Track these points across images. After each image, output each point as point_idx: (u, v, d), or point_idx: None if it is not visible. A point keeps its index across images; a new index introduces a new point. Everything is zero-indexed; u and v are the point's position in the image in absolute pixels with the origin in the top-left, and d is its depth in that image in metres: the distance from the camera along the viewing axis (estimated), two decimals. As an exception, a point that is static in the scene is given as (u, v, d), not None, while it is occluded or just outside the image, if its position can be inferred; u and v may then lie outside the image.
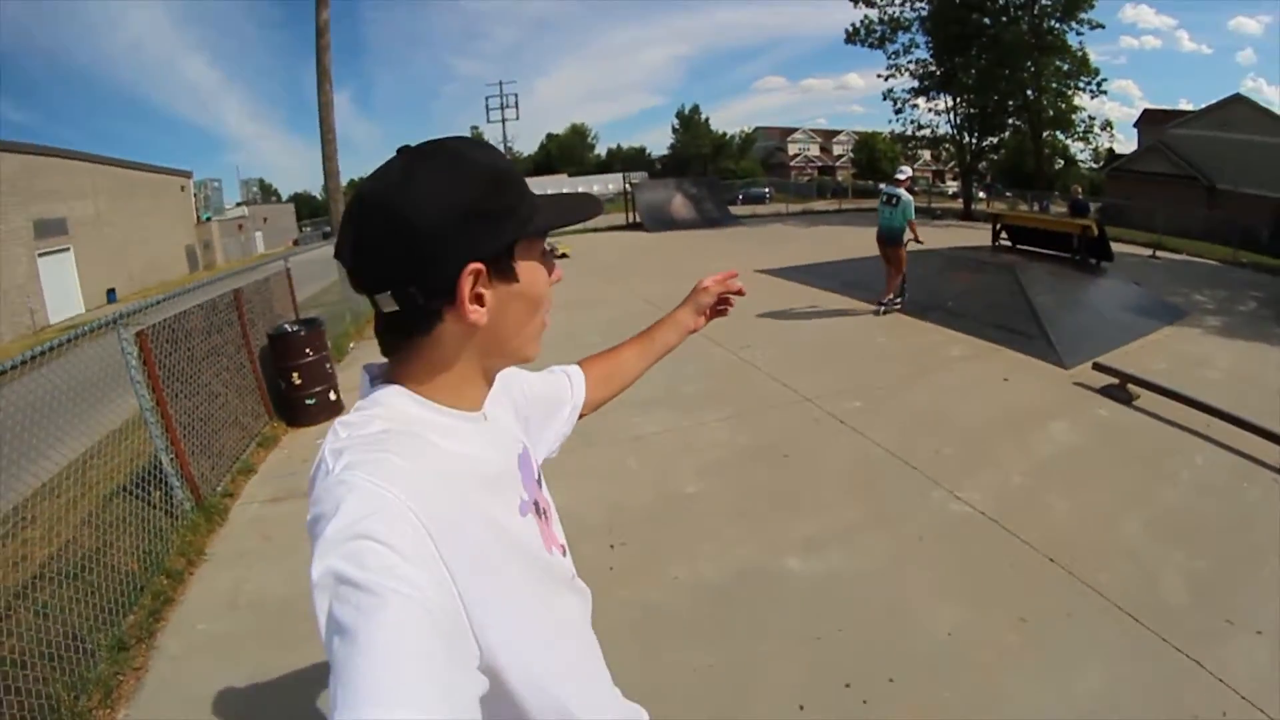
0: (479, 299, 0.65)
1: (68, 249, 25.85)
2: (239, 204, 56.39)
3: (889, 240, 7.84)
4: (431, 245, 0.61)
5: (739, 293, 1.21)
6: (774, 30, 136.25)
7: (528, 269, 0.68)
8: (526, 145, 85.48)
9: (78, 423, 4.61)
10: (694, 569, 3.20)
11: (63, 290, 25.10)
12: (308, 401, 5.56)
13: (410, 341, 0.67)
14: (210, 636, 3.10)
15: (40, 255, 24.01)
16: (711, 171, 51.09)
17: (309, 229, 52.28)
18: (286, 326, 5.68)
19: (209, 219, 41.47)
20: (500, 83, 66.48)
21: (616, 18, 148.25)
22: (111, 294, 25.48)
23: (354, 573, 0.50)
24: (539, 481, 0.82)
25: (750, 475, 4.11)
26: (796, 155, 67.73)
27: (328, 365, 5.71)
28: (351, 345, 8.29)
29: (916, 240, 7.79)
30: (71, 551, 3.56)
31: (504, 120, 50.90)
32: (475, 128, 69.55)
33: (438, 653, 0.49)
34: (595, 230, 22.68)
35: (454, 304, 0.64)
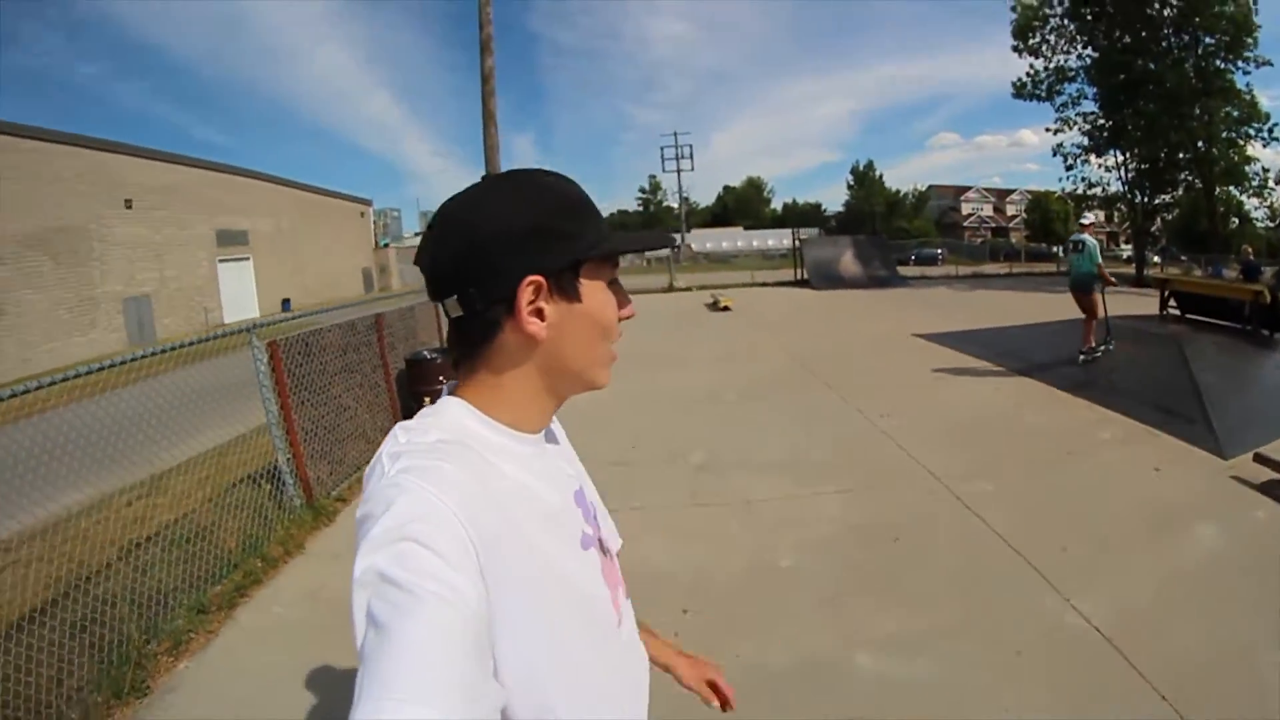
0: (539, 312, 0.66)
1: (247, 259, 29.64)
2: (416, 234, 61.46)
3: (1080, 287, 7.78)
4: (494, 253, 0.65)
5: (721, 706, 1.06)
6: (945, 85, 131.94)
7: (593, 292, 0.70)
8: (703, 196, 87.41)
9: (232, 414, 5.12)
10: (760, 649, 2.89)
11: (240, 295, 28.81)
12: None
13: (475, 352, 0.69)
14: (283, 620, 3.31)
15: (221, 261, 28.00)
16: (884, 230, 49.56)
17: None
18: (425, 353, 6.01)
19: (387, 245, 45.02)
20: (675, 134, 69.83)
21: (789, 72, 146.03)
22: (286, 303, 28.68)
23: (396, 572, 0.51)
24: (596, 520, 0.80)
25: (852, 556, 3.72)
26: (970, 215, 64.55)
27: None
28: None
29: (1108, 282, 7.68)
30: (186, 522, 4.02)
31: (679, 171, 53.00)
32: (653, 177, 72.79)
33: (468, 659, 0.50)
34: (762, 285, 22.97)
35: (514, 314, 0.66)
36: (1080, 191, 24.93)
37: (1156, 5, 20.86)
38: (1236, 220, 26.13)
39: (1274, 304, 9.37)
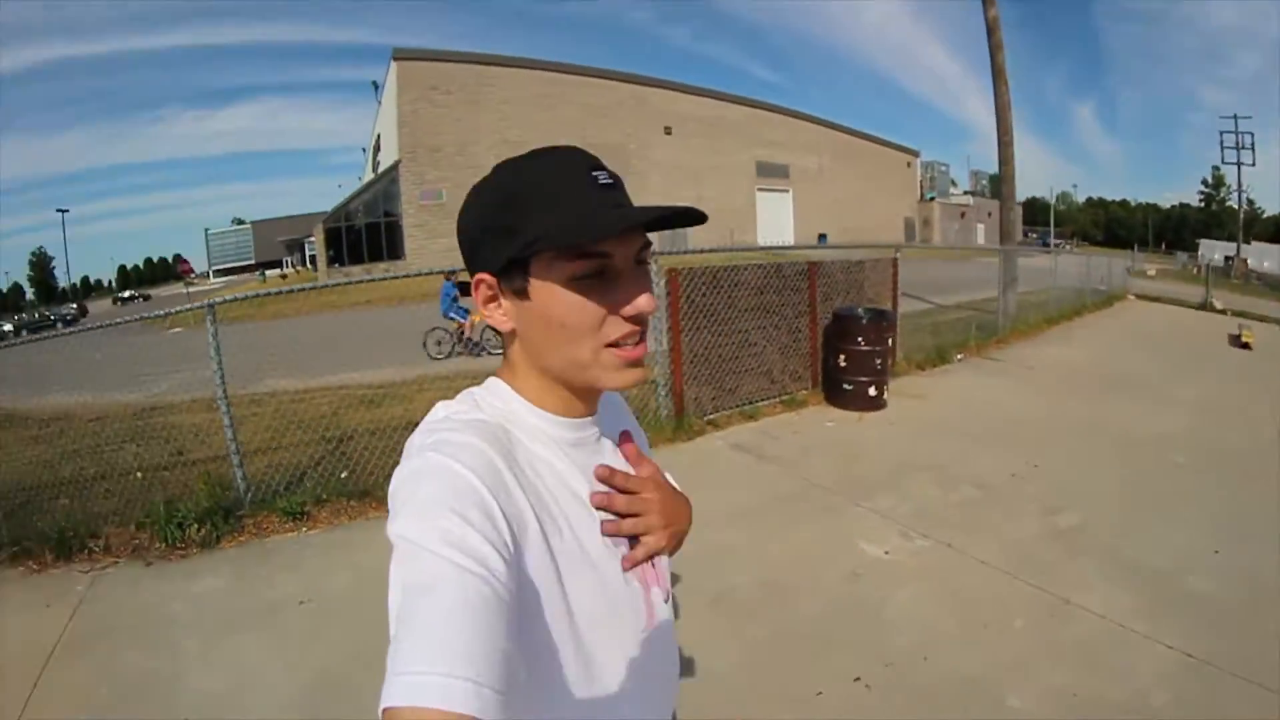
0: (497, 307, 0.67)
1: (787, 191, 30.32)
2: (965, 192, 52.74)
3: None
4: (465, 250, 0.68)
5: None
6: None
7: (546, 290, 0.63)
8: (1272, 200, 66.48)
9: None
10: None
11: (777, 224, 29.86)
12: (844, 385, 5.56)
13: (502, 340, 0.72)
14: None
15: (760, 190, 29.25)
16: None
17: (1034, 235, 48.02)
18: (856, 310, 5.69)
19: (932, 199, 41.58)
20: (1235, 116, 48.62)
21: None
22: (823, 238, 28.57)
23: (423, 539, 0.51)
24: None
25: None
26: None
27: (879, 360, 5.49)
28: (959, 356, 7.44)
29: None
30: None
31: (1239, 164, 43.70)
32: (1216, 169, 60.80)
33: (494, 632, 0.49)
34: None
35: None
36: None
37: None
38: None
39: None
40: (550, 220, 0.62)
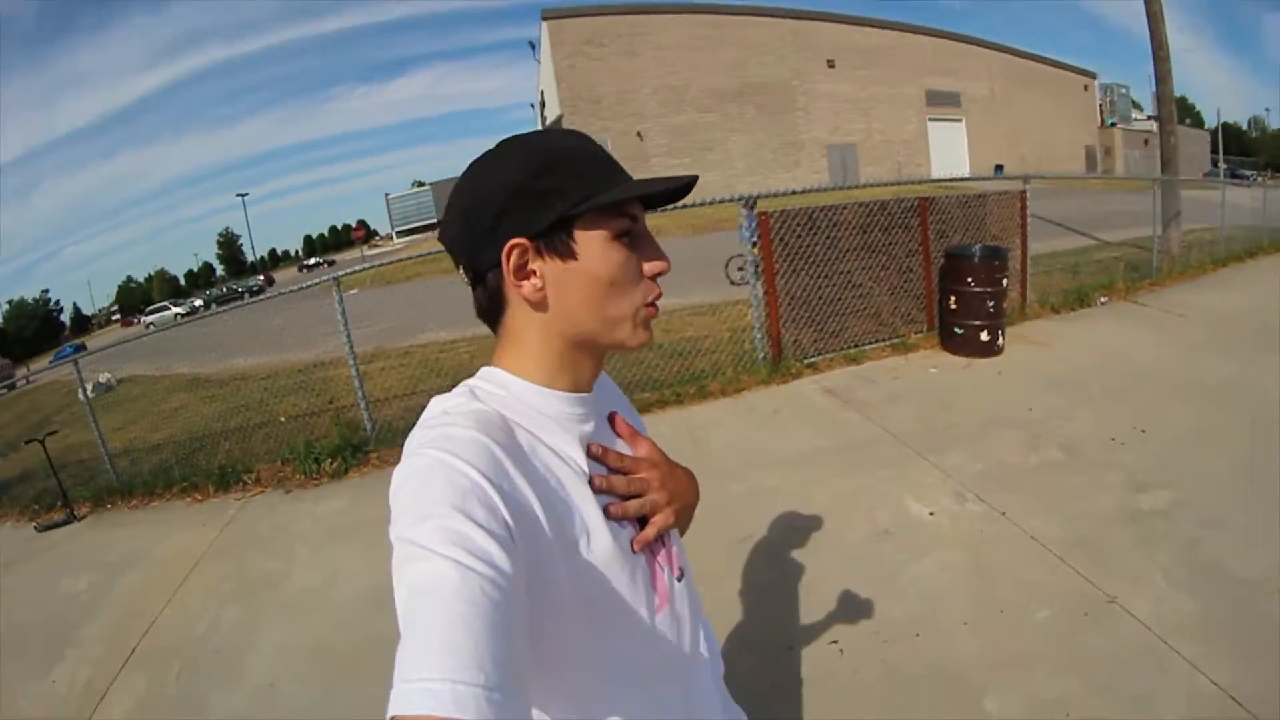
0: (532, 275, 0.65)
1: (960, 120, 27.78)
2: (1149, 117, 42.80)
3: None
4: (482, 220, 0.65)
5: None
6: None
7: (592, 247, 0.65)
8: None
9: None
10: None
11: (951, 154, 27.60)
12: (955, 329, 5.25)
13: (497, 319, 0.69)
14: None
15: (931, 120, 27.10)
16: None
17: (1224, 166, 41.13)
18: (973, 249, 5.28)
19: (1113, 124, 37.72)
20: None
21: None
22: (999, 169, 26.03)
23: (426, 540, 0.50)
24: None
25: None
26: None
27: (991, 302, 5.08)
28: (1102, 300, 6.52)
29: None
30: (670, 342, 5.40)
31: None
32: None
33: (499, 626, 0.48)
34: None
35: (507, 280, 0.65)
36: None
37: None
38: None
39: None
40: (597, 180, 0.65)
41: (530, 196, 0.64)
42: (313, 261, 63.36)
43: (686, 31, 29.94)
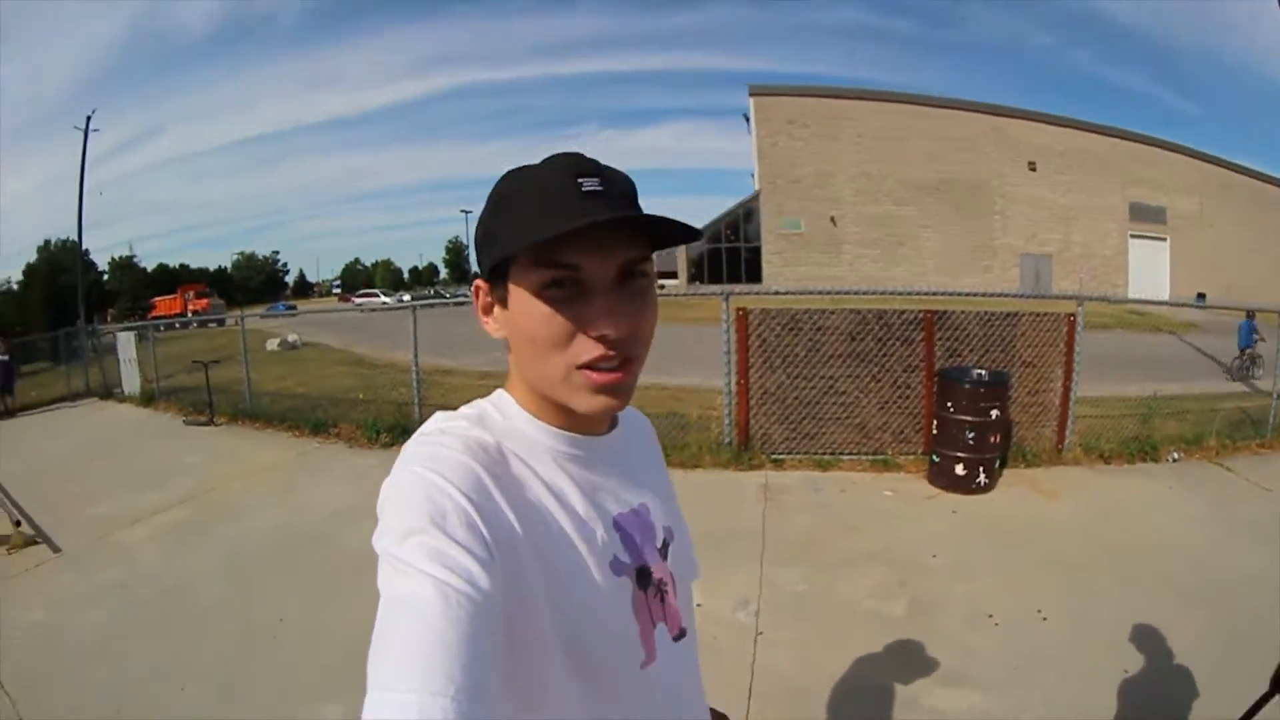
0: (491, 313, 0.67)
1: (1164, 239, 25.14)
2: None
3: None
4: (478, 257, 0.66)
5: None
6: None
7: (519, 297, 0.62)
8: None
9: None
10: None
11: (1151, 276, 24.92)
12: (934, 457, 4.81)
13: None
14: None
15: (1133, 236, 25.06)
16: None
17: None
18: (959, 371, 4.88)
19: None
20: None
21: None
22: (1201, 297, 20.35)
23: (406, 554, 0.51)
24: (661, 550, 0.74)
25: None
26: None
27: (971, 433, 4.57)
28: (1174, 455, 5.34)
29: None
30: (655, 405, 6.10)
31: None
32: None
33: (474, 641, 0.48)
34: None
35: None
36: None
37: None
38: None
39: None
40: (528, 223, 0.60)
41: (484, 240, 0.65)
42: None
43: (887, 120, 29.47)
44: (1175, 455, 5.38)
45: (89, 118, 25.30)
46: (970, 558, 3.72)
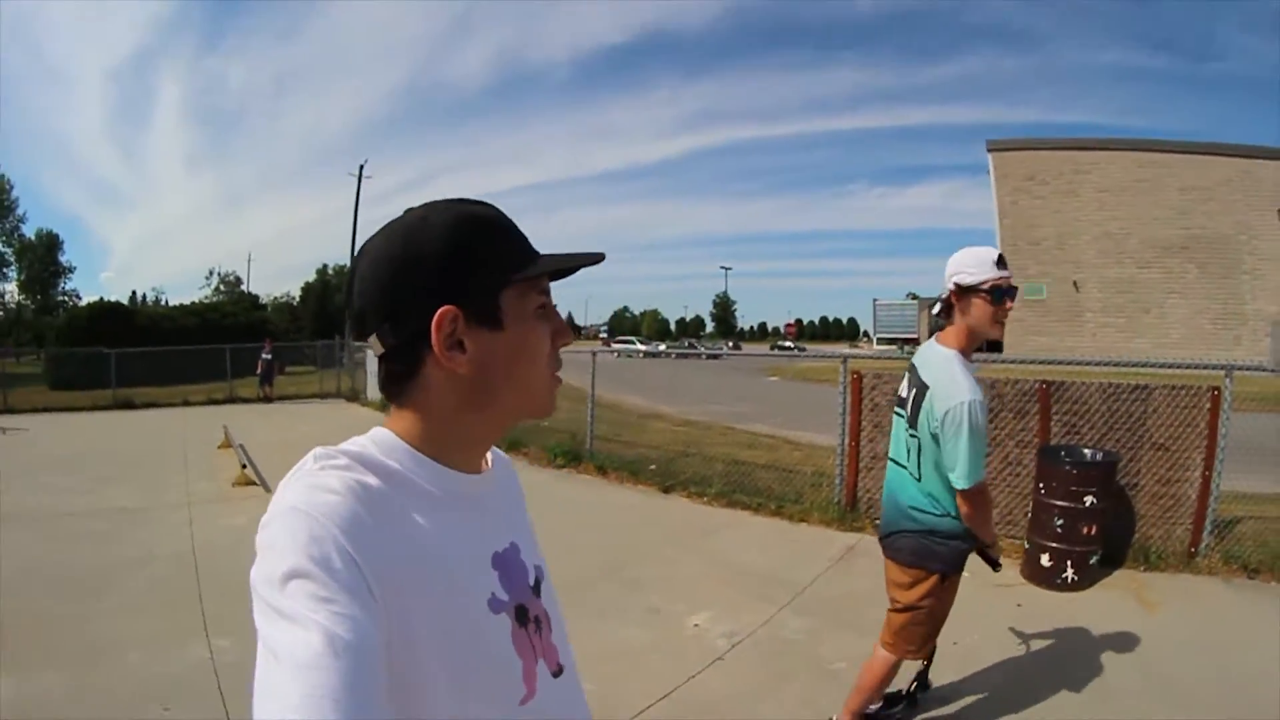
0: (460, 344, 0.65)
1: None
2: None
3: (896, 530, 2.38)
4: (407, 285, 0.64)
5: None
6: None
7: (518, 318, 0.67)
8: None
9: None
10: None
11: None
12: (1026, 543, 4.61)
13: (403, 389, 0.68)
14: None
15: None
16: None
17: None
18: (1061, 450, 4.72)
19: None
20: None
21: None
22: None
23: (286, 603, 0.51)
24: (534, 588, 0.76)
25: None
26: None
27: (1061, 520, 4.28)
28: None
29: (989, 550, 2.36)
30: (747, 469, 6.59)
31: None
32: None
33: (362, 696, 0.49)
34: None
35: (431, 348, 0.64)
36: None
37: None
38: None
39: None
40: (525, 250, 0.70)
41: (462, 262, 0.65)
42: (784, 344, 68.88)
43: (1128, 171, 26.38)
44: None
45: (361, 166, 32.18)
46: (1000, 654, 3.39)
